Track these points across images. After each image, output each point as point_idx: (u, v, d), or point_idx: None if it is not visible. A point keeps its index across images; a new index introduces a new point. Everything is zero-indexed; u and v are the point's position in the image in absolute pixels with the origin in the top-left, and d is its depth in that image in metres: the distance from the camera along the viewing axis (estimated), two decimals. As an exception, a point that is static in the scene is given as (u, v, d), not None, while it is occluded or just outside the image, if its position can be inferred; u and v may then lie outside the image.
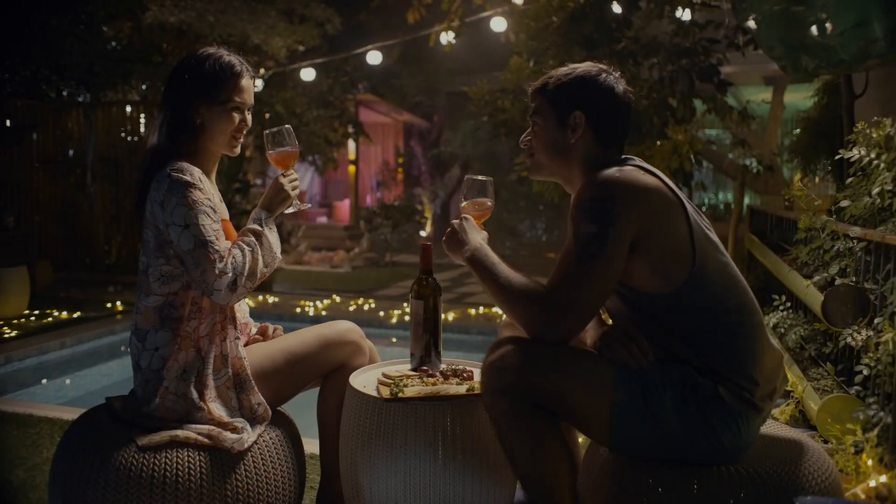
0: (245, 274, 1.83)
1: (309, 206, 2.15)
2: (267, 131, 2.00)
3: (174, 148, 1.93)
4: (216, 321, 1.93)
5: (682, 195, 1.71)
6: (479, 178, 1.99)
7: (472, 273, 1.81)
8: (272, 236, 1.94)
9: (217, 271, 1.79)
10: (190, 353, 1.90)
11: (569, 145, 1.77)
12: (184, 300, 1.89)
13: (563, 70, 1.82)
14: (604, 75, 1.78)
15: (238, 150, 2.01)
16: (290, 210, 2.05)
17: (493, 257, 1.76)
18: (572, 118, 1.76)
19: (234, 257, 1.83)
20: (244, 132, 2.00)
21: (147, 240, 1.90)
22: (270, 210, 1.98)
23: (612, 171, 1.66)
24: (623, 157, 1.78)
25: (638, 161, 1.75)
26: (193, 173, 1.87)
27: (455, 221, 1.90)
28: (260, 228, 1.93)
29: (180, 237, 1.81)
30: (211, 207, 1.86)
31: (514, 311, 1.66)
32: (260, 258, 1.87)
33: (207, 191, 1.89)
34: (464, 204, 1.99)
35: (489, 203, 1.99)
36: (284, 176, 2.00)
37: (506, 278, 1.68)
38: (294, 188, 2.02)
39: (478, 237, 1.87)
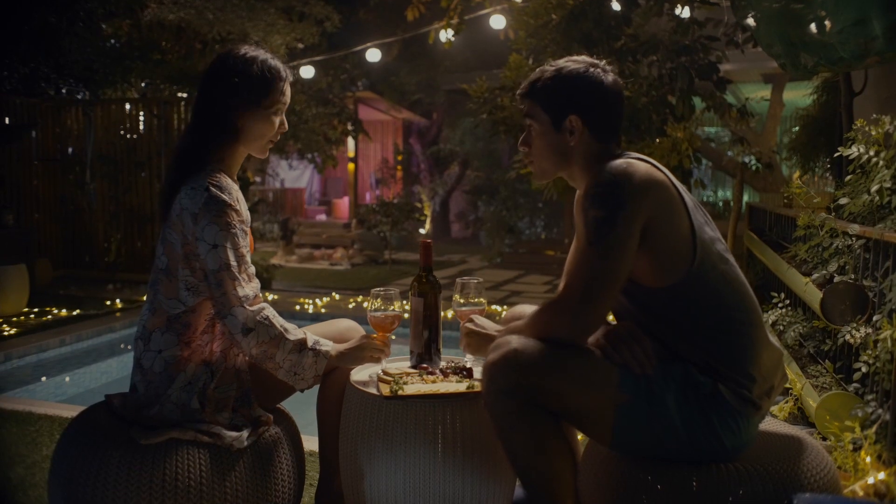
0: (258, 340, 1.81)
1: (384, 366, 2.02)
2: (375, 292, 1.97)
3: (206, 152, 1.89)
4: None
5: (683, 190, 1.71)
6: (473, 280, 2.06)
7: None
8: (306, 361, 1.86)
9: (237, 298, 1.79)
10: (199, 367, 1.89)
11: (569, 148, 1.78)
12: (200, 310, 1.88)
13: (548, 70, 1.79)
14: (591, 70, 1.77)
15: (267, 153, 1.97)
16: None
17: (514, 323, 1.77)
18: (568, 122, 1.76)
19: (268, 317, 1.82)
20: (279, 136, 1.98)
21: (172, 241, 1.87)
22: (338, 357, 1.91)
23: (621, 163, 1.66)
24: (621, 152, 1.77)
25: (641, 156, 1.74)
26: (232, 192, 1.84)
27: (468, 325, 1.95)
28: (307, 345, 1.86)
29: (208, 254, 1.80)
30: (242, 230, 1.85)
31: (547, 328, 1.64)
32: (276, 354, 1.83)
33: (242, 211, 1.87)
34: (461, 307, 2.04)
35: (483, 302, 2.06)
36: (373, 337, 1.97)
37: (528, 317, 1.70)
38: (377, 356, 1.95)
39: (493, 324, 1.94)
